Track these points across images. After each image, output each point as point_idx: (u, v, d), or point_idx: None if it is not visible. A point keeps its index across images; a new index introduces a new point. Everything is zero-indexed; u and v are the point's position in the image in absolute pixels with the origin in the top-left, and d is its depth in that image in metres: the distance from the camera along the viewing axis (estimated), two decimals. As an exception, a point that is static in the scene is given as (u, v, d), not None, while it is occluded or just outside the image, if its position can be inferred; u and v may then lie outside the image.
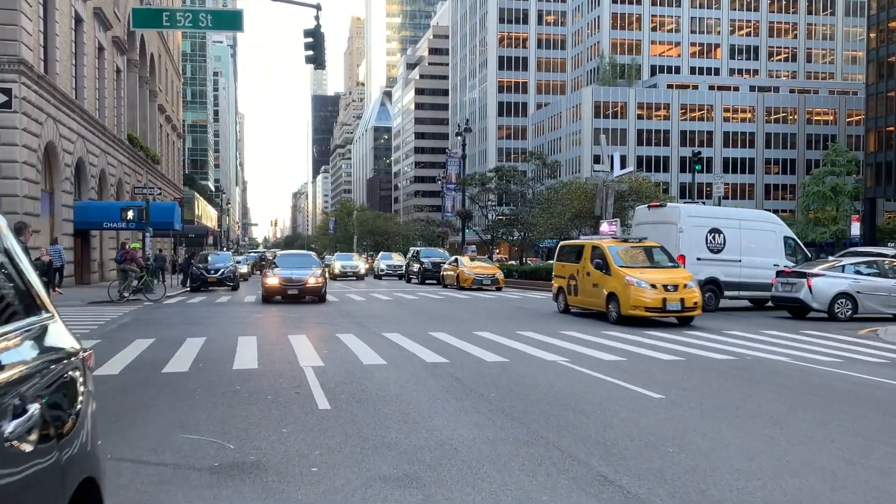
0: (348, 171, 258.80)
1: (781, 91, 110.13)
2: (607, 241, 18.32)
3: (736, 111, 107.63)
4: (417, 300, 24.80)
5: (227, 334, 14.24)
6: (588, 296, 18.04)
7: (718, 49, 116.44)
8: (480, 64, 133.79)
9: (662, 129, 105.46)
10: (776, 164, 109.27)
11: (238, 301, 24.53)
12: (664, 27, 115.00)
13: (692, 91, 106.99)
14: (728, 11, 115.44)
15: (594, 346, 12.56)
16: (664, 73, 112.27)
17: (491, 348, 11.99)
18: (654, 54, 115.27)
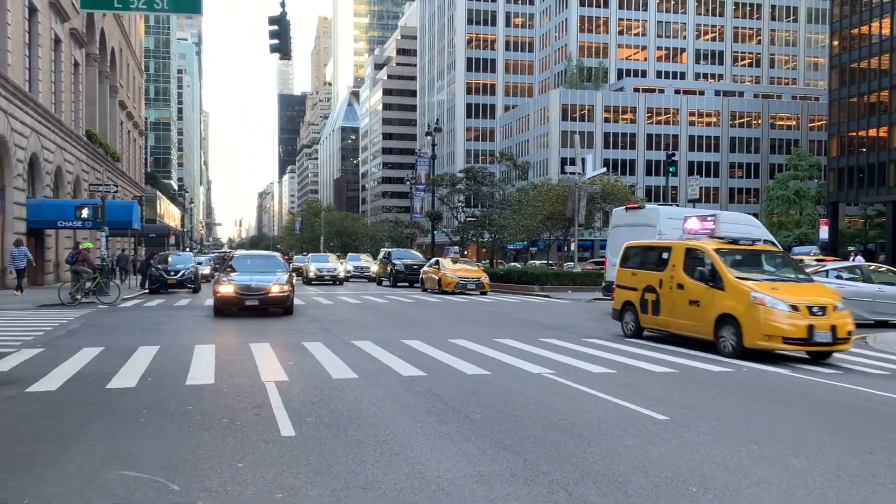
0: (315, 171, 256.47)
1: (746, 96, 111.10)
2: (710, 243, 13.50)
3: (701, 115, 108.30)
4: (388, 304, 23.84)
5: (183, 342, 13.21)
6: (680, 316, 13.28)
7: (684, 53, 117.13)
8: (449, 65, 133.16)
9: (629, 132, 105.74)
10: (740, 168, 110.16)
11: (198, 304, 23.38)
12: (631, 31, 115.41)
13: (658, 95, 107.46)
14: (694, 16, 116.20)
15: (578, 355, 11.77)
16: (631, 76, 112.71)
17: (470, 359, 11.13)
18: (621, 58, 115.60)
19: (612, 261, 20.56)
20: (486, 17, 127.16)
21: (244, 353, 11.73)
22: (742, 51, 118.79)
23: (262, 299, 18.42)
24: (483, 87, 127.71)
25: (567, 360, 11.12)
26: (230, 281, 18.78)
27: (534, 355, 11.67)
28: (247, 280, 18.80)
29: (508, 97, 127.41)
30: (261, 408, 7.52)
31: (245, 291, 18.43)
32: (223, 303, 18.46)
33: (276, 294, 18.49)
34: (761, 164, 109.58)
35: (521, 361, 10.91)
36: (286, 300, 18.70)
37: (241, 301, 18.35)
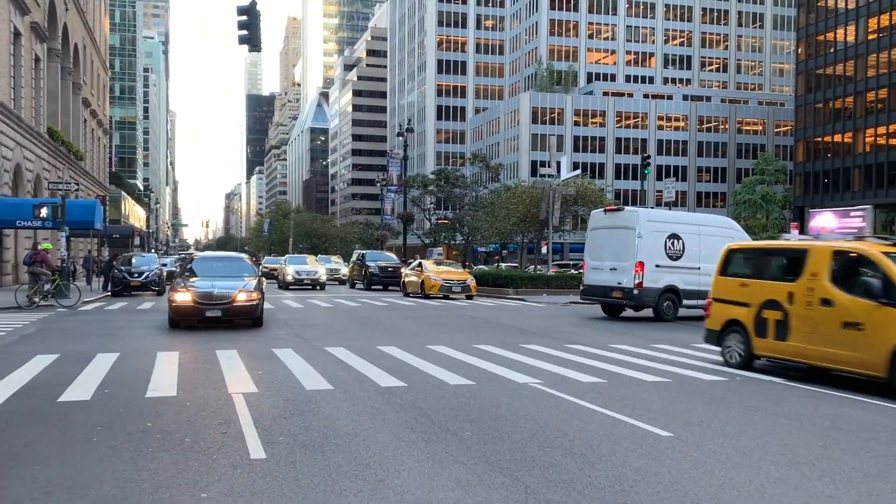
0: (283, 173, 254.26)
1: (713, 101, 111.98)
2: (876, 246, 9.93)
3: (670, 119, 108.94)
4: (361, 307, 23.14)
5: (144, 348, 12.44)
6: (825, 343, 9.80)
7: (653, 58, 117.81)
8: (419, 67, 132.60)
9: (598, 135, 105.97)
10: (708, 173, 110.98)
11: (162, 308, 22.44)
12: (600, 35, 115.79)
13: (627, 99, 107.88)
14: (662, 21, 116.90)
15: (563, 363, 11.23)
16: (600, 80, 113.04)
17: (451, 367, 10.53)
18: (591, 61, 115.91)
19: (591, 264, 20.12)
20: (457, 20, 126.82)
21: (210, 360, 11.01)
22: (709, 56, 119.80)
23: (227, 309, 15.77)
24: (454, 90, 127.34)
25: (553, 369, 10.56)
26: (188, 287, 15.95)
27: (517, 363, 11.10)
28: (208, 287, 16.03)
29: (479, 100, 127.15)
30: (227, 424, 6.85)
31: (205, 300, 15.69)
32: (179, 313, 15.82)
33: (243, 303, 15.86)
34: (728, 168, 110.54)
35: (506, 370, 10.34)
36: (255, 310, 16.15)
37: (201, 311, 15.65)
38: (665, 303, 18.85)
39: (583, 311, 23.01)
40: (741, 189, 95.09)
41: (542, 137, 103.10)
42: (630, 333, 15.93)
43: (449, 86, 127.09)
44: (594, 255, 20.02)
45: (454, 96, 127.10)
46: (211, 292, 15.87)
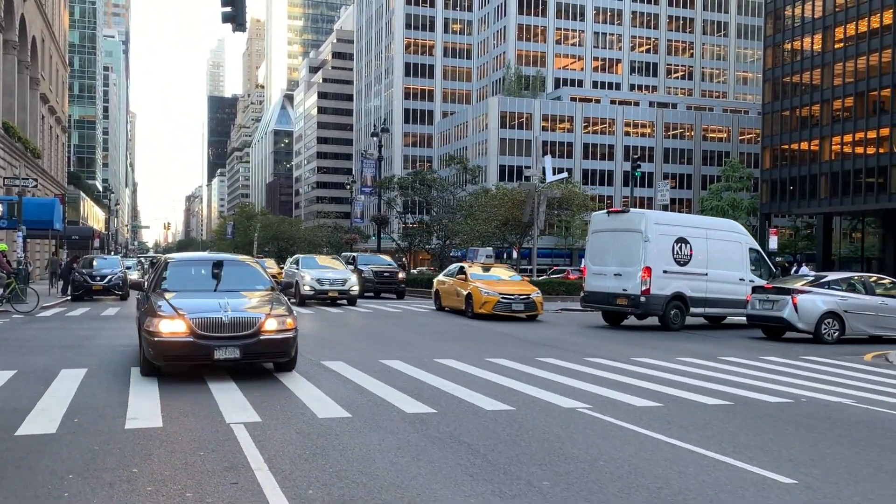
0: (246, 175, 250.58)
1: (679, 108, 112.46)
2: None
3: (637, 126, 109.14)
4: (346, 314, 21.61)
5: (116, 364, 10.87)
6: None
7: (620, 64, 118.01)
8: (386, 70, 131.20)
9: (566, 141, 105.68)
10: (674, 179, 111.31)
11: (129, 314, 20.76)
12: (568, 40, 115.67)
13: (595, 105, 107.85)
14: (629, 28, 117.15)
15: (596, 380, 9.94)
16: (568, 85, 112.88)
17: (475, 386, 9.16)
18: (559, 67, 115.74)
19: (592, 269, 18.90)
20: (425, 23, 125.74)
21: (195, 379, 9.50)
22: (675, 63, 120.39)
23: (249, 346, 9.38)
24: (421, 93, 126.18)
25: (591, 388, 9.24)
26: (178, 311, 9.46)
27: (547, 381, 9.76)
28: (213, 309, 9.58)
29: (447, 103, 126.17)
30: (236, 470, 5.41)
31: (212, 331, 9.33)
32: (169, 354, 9.32)
33: (274, 335, 9.53)
34: (694, 175, 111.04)
35: (539, 390, 8.97)
36: (290, 346, 9.80)
37: (207, 350, 9.25)
38: (672, 311, 17.72)
39: (580, 318, 21.84)
40: (708, 196, 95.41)
41: (510, 142, 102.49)
42: (646, 345, 14.72)
43: (416, 89, 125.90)
44: (596, 259, 18.82)
45: (422, 100, 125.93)
46: (220, 318, 9.42)
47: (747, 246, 19.29)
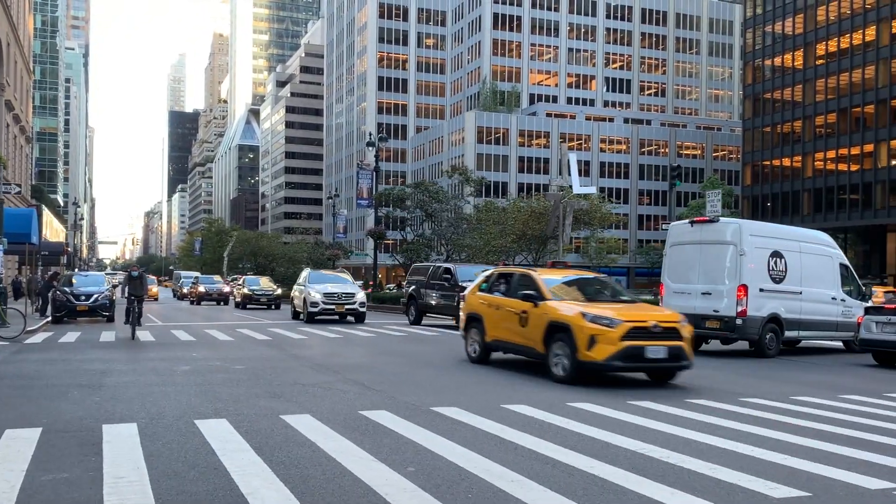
0: (209, 191, 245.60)
1: (653, 124, 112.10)
2: None
3: (612, 142, 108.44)
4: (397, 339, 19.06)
5: (169, 412, 8.36)
6: None
7: (594, 81, 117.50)
8: (358, 84, 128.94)
9: (542, 157, 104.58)
10: (648, 195, 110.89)
11: (128, 339, 18.09)
12: (543, 56, 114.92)
13: (570, 121, 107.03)
14: (603, 44, 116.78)
15: (815, 434, 7.71)
16: (542, 101, 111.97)
17: (716, 457, 6.84)
18: (533, 83, 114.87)
19: (672, 287, 16.66)
20: (398, 37, 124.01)
21: (287, 436, 7.07)
22: (648, 80, 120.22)
23: None
24: (394, 108, 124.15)
25: (850, 452, 6.79)
26: None
27: (779, 442, 7.42)
28: None
29: (420, 118, 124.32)
30: None
31: None
32: None
33: None
34: (669, 191, 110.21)
35: (798, 460, 6.37)
36: None
37: None
38: (768, 335, 15.59)
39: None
40: (687, 212, 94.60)
41: (487, 157, 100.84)
42: (777, 378, 12.47)
43: (390, 103, 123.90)
44: (677, 276, 16.59)
45: (395, 114, 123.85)
46: None
47: (838, 261, 17.33)
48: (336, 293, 24.88)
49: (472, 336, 13.64)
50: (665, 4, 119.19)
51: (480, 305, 13.46)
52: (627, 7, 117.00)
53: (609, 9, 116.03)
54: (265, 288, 38.85)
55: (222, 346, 16.88)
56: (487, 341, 13.12)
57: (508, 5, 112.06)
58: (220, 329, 22.01)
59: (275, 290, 38.83)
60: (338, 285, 25.77)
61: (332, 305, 24.84)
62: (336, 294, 24.87)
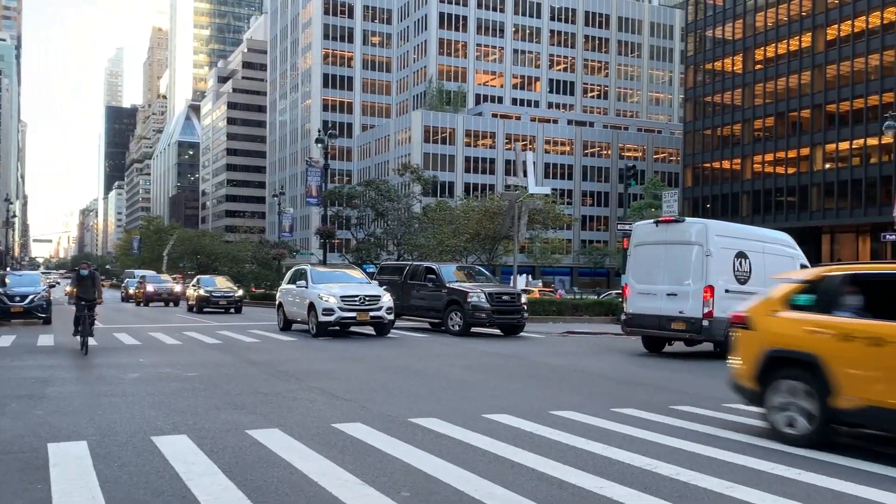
0: (147, 188, 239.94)
1: (596, 126, 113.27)
2: None
3: (556, 143, 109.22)
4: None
5: (121, 428, 7.66)
6: None
7: (538, 82, 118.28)
8: (303, 80, 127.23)
9: (489, 157, 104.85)
10: (591, 196, 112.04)
11: (67, 341, 17.07)
12: (488, 57, 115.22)
13: (516, 121, 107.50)
14: (547, 46, 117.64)
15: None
16: (488, 101, 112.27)
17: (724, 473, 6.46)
18: (479, 83, 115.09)
19: (637, 288, 16.42)
20: (344, 34, 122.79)
21: (262, 456, 6.47)
22: (591, 83, 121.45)
23: None
24: (340, 105, 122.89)
25: None
26: None
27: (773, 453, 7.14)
28: None
29: (366, 116, 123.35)
30: None
31: None
32: None
33: None
34: (611, 192, 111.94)
35: (812, 475, 6.17)
36: None
37: None
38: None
39: (601, 343, 19.46)
40: (630, 213, 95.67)
41: (433, 156, 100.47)
42: None
43: (335, 101, 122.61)
44: (642, 276, 16.36)
45: (340, 112, 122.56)
46: None
47: (799, 261, 17.33)
48: (356, 296, 18.86)
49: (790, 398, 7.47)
50: (608, 7, 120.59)
51: (813, 337, 7.37)
52: (571, 10, 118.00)
53: (553, 11, 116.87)
54: (224, 289, 34.88)
55: (170, 350, 16.04)
56: (842, 407, 7.00)
57: (454, 5, 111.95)
58: (166, 332, 21.05)
59: (235, 292, 35.06)
60: (354, 286, 20.00)
61: (352, 313, 18.62)
62: (357, 298, 18.81)
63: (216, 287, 34.73)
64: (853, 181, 70.83)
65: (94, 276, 15.75)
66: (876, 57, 68.76)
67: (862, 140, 70.00)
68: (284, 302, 21.71)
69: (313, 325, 19.10)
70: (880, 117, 67.17)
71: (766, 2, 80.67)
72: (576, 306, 26.96)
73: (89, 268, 15.99)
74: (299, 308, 20.30)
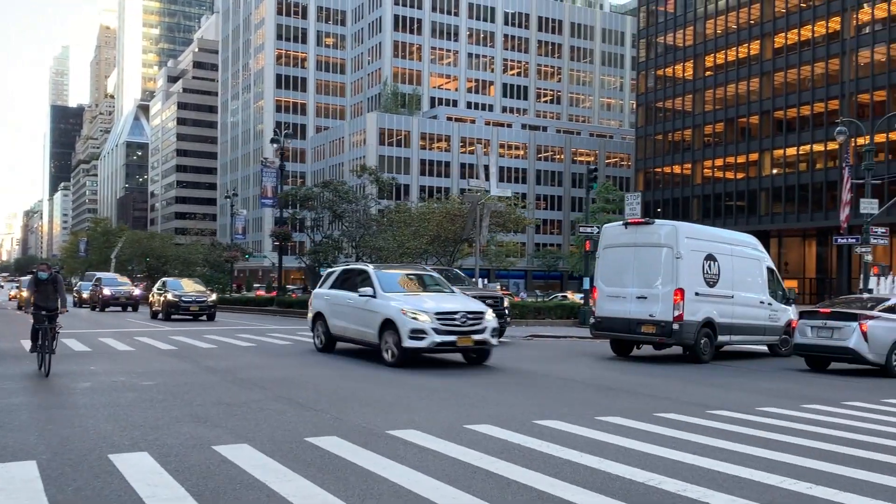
0: (94, 189, 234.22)
1: (549, 131, 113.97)
2: None
3: (511, 147, 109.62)
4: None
5: (73, 444, 7.08)
6: None
7: (492, 86, 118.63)
8: (255, 81, 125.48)
9: (444, 160, 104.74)
10: (545, 200, 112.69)
11: (10, 349, 16.17)
12: (443, 60, 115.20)
13: (470, 125, 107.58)
14: (501, 50, 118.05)
15: (784, 448, 7.20)
16: (443, 105, 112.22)
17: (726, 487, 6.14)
18: (434, 86, 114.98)
19: (606, 291, 16.20)
20: (297, 35, 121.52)
21: (217, 464, 5.97)
22: (544, 88, 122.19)
23: None
24: (293, 106, 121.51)
25: (831, 469, 6.39)
26: None
27: (730, 454, 6.86)
28: None
29: (320, 118, 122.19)
30: None
31: None
32: None
33: None
34: (564, 196, 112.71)
35: (823, 488, 5.92)
36: None
37: None
38: (703, 339, 15.35)
39: (568, 346, 19.22)
40: (583, 217, 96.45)
41: (389, 159, 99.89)
42: (734, 386, 12.05)
43: (288, 102, 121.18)
44: (611, 279, 16.16)
45: (294, 113, 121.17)
46: None
47: (765, 264, 17.33)
48: (456, 313, 13.73)
49: None
50: (561, 13, 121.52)
51: None
52: (525, 15, 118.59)
53: (507, 16, 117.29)
54: (194, 293, 30.35)
55: (122, 357, 15.28)
56: None
57: (409, 7, 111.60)
58: (117, 338, 20.15)
59: (208, 296, 30.41)
60: (446, 297, 14.73)
61: (451, 336, 13.57)
62: (457, 315, 13.68)
63: (185, 291, 30.41)
64: (800, 186, 72.31)
65: (56, 281, 12.84)
66: (821, 65, 70.34)
67: (808, 146, 71.54)
68: (329, 313, 16.22)
69: (391, 349, 13.96)
70: (826, 124, 68.83)
71: (715, 10, 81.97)
72: (538, 309, 26.79)
73: (50, 270, 13.03)
74: (359, 324, 15.05)
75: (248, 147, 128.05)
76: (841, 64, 68.29)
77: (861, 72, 66.69)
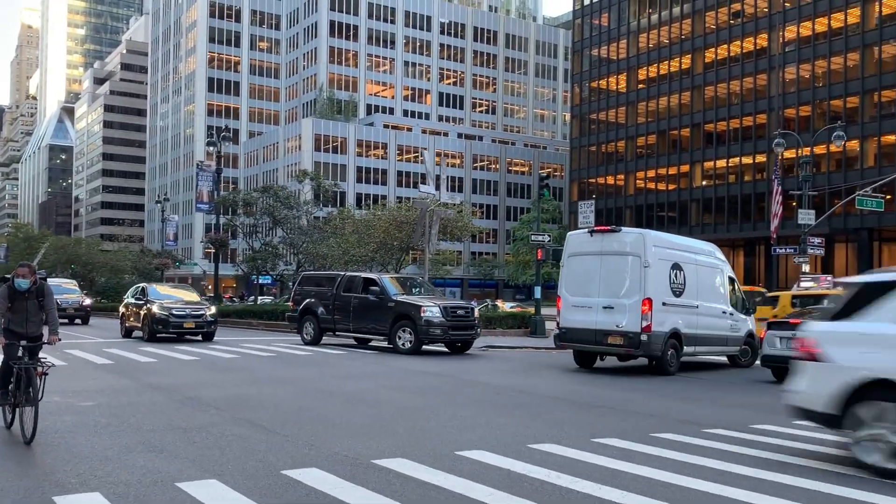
0: (14, 193, 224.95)
1: (485, 140, 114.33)
2: None
3: (447, 156, 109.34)
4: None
5: (6, 483, 6.11)
6: None
7: (429, 95, 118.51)
8: (186, 84, 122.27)
9: (381, 167, 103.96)
10: (482, 209, 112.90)
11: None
12: (379, 67, 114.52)
13: (407, 133, 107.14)
14: (437, 59, 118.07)
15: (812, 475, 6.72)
16: (380, 112, 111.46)
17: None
18: (370, 93, 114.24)
19: (571, 301, 15.68)
20: (230, 38, 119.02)
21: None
22: (480, 98, 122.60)
23: None
24: (226, 111, 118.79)
25: None
26: None
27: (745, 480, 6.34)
28: None
29: (253, 123, 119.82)
30: None
31: None
32: None
33: None
34: (499, 205, 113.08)
35: None
36: None
37: None
38: (670, 351, 14.98)
39: (525, 358, 18.67)
40: (519, 226, 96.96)
41: (325, 165, 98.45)
42: (720, 402, 11.64)
43: (220, 106, 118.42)
44: (576, 288, 15.64)
45: (226, 117, 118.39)
46: None
47: (727, 273, 17.14)
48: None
49: None
50: (496, 24, 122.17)
51: None
52: (461, 24, 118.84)
53: (443, 25, 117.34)
54: (187, 305, 22.51)
55: (53, 373, 14.00)
56: None
57: (345, 13, 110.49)
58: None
59: (207, 309, 22.38)
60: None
61: None
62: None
63: (175, 302, 22.59)
64: (729, 198, 73.90)
65: (42, 293, 8.42)
66: (750, 80, 72.15)
67: (737, 158, 73.23)
68: None
69: None
70: (754, 137, 70.64)
71: (648, 24, 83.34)
72: (489, 319, 26.22)
73: (34, 276, 8.36)
74: None
75: (179, 151, 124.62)
76: (769, 79, 70.10)
77: (787, 87, 68.60)
